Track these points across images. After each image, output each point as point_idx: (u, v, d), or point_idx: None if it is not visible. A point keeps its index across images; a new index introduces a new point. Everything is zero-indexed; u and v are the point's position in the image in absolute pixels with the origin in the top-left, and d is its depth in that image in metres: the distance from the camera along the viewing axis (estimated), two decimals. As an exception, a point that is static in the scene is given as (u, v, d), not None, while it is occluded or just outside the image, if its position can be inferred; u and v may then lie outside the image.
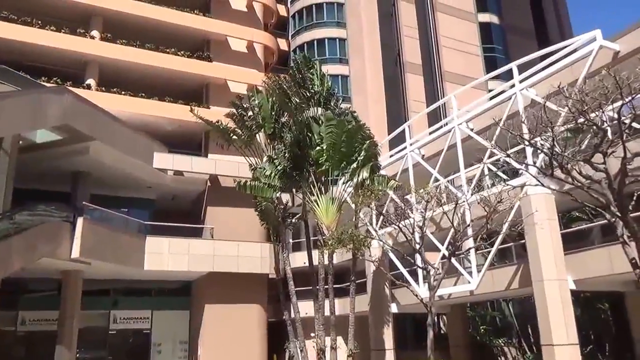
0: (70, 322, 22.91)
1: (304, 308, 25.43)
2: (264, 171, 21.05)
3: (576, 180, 11.52)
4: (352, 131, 20.08)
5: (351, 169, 20.11)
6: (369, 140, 20.34)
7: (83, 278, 23.97)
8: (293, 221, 24.69)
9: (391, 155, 29.41)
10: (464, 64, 44.05)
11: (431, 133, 27.73)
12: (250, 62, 35.61)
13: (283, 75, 23.87)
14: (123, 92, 30.59)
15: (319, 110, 21.66)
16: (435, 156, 25.50)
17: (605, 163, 10.71)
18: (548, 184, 13.03)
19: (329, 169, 20.43)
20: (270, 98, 23.01)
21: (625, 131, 9.96)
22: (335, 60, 41.03)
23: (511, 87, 21.67)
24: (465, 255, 21.56)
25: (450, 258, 16.93)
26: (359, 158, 19.99)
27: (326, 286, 21.22)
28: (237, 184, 20.82)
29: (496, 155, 21.34)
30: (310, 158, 21.04)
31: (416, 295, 18.13)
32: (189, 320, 29.69)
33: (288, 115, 22.62)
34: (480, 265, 21.88)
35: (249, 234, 29.26)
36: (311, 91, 22.03)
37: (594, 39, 18.39)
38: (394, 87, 42.25)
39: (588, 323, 26.91)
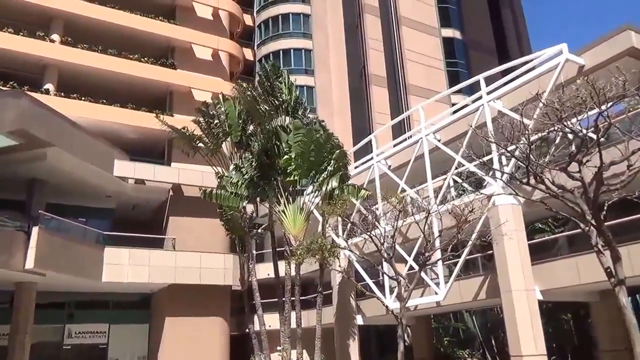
0: (22, 337, 21.77)
1: (269, 320, 24.89)
2: (230, 179, 20.54)
3: (550, 190, 11.46)
4: (322, 140, 19.81)
5: (320, 179, 19.79)
6: (338, 150, 20.09)
7: (37, 290, 22.86)
8: (259, 231, 24.18)
9: (357, 167, 29.29)
10: (427, 78, 44.48)
11: (396, 145, 27.74)
12: (215, 71, 35.11)
13: (250, 84, 23.45)
14: (83, 98, 29.65)
15: (287, 119, 21.32)
16: (401, 167, 25.48)
17: (581, 172, 10.69)
18: (516, 194, 12.94)
19: (297, 178, 20.08)
20: (238, 106, 22.56)
21: (601, 139, 9.95)
22: (300, 71, 40.83)
23: (479, 99, 21.76)
24: (431, 267, 21.45)
25: (421, 269, 16.73)
26: (328, 167, 19.72)
27: (293, 298, 20.77)
28: (203, 192, 20.25)
29: (464, 166, 21.48)
30: (278, 167, 20.67)
31: (386, 306, 17.85)
32: (148, 334, 28.78)
33: (255, 123, 22.21)
34: (446, 276, 21.84)
35: (212, 245, 28.61)
36: (280, 99, 21.73)
37: (561, 53, 18.66)
38: (359, 99, 42.32)
39: (551, 333, 27.14)
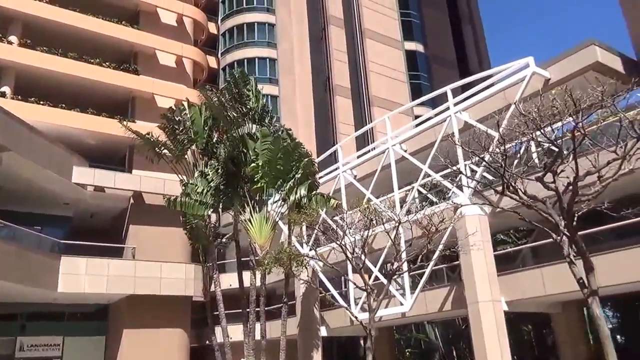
0: (-30, 350, 20.83)
1: (231, 332, 24.37)
2: (195, 187, 20.10)
3: (523, 199, 11.48)
4: (289, 149, 19.60)
5: (288, 187, 19.54)
6: (306, 158, 19.90)
7: (-13, 301, 21.94)
8: (223, 241, 23.74)
9: (321, 177, 29.12)
10: (390, 90, 44.81)
11: (359, 157, 27.79)
12: (179, 78, 34.63)
13: (217, 91, 23.09)
14: (42, 102, 28.81)
15: (254, 127, 21.04)
16: (367, 177, 25.47)
17: (555, 182, 10.74)
18: (490, 204, 12.98)
19: (264, 186, 19.77)
20: (204, 112, 22.16)
21: (576, 148, 10.01)
22: (265, 80, 40.50)
23: (446, 110, 21.93)
24: (396, 277, 21.41)
25: (391, 279, 16.63)
26: (296, 176, 19.49)
27: (257, 308, 20.38)
28: (167, 199, 19.75)
29: (430, 176, 21.57)
30: (245, 175, 20.35)
31: (355, 317, 17.65)
32: (105, 346, 27.96)
33: (222, 130, 21.84)
34: (410, 287, 21.79)
35: (173, 255, 28.02)
36: (247, 107, 21.46)
37: (527, 65, 18.97)
38: (324, 109, 42.30)
39: (512, 345, 27.40)
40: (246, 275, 22.00)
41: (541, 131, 10.03)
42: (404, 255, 18.62)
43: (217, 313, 22.26)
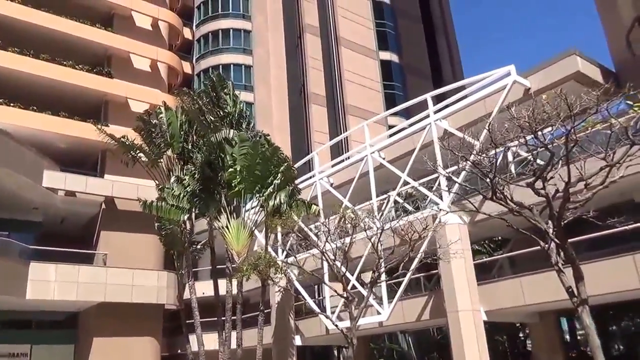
0: None
1: (205, 341, 23.93)
2: (171, 192, 19.71)
3: (510, 206, 11.43)
4: (268, 154, 19.37)
5: (267, 193, 19.29)
6: (286, 164, 19.69)
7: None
8: (198, 247, 23.35)
9: (297, 184, 28.91)
10: (365, 99, 44.91)
11: (334, 165, 27.72)
12: (154, 82, 34.11)
13: (194, 94, 22.70)
14: (12, 104, 28.01)
15: (231, 132, 20.76)
16: (343, 185, 25.37)
17: (545, 188, 10.70)
18: (476, 210, 12.93)
19: (242, 191, 19.49)
20: (180, 116, 21.81)
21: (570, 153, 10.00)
22: (240, 86, 40.18)
23: (425, 118, 21.95)
24: (374, 286, 21.28)
25: (372, 287, 16.49)
26: (275, 182, 19.25)
27: (234, 317, 20.03)
28: (143, 203, 19.30)
29: (409, 184, 21.57)
30: (222, 180, 20.04)
31: (336, 325, 17.43)
32: (74, 355, 27.19)
33: (199, 135, 21.50)
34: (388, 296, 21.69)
35: (145, 262, 27.53)
36: (225, 111, 21.19)
37: (509, 74, 19.05)
38: (299, 117, 42.22)
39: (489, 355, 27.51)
40: (221, 283, 21.63)
41: (536, 135, 9.99)
42: (382, 263, 18.54)
43: (191, 321, 21.84)
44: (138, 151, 21.43)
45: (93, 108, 31.50)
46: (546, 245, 10.91)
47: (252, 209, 21.28)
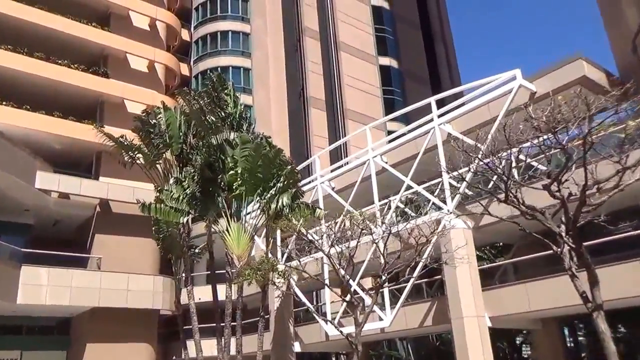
0: None
1: (203, 347, 23.28)
2: (170, 194, 19.06)
3: (522, 209, 11.01)
4: (270, 156, 18.75)
5: (269, 195, 18.68)
6: (289, 166, 19.10)
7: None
8: (197, 251, 22.70)
9: (298, 188, 28.43)
10: (364, 103, 44.50)
11: (334, 170, 27.28)
12: (151, 83, 33.55)
13: (195, 94, 22.09)
14: (4, 103, 27.35)
15: (232, 133, 20.18)
16: (345, 189, 24.91)
17: (560, 191, 10.29)
18: (489, 214, 12.44)
19: (243, 194, 18.87)
20: (179, 116, 21.19)
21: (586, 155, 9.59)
22: (239, 89, 39.51)
23: (430, 122, 21.51)
24: (375, 292, 20.74)
25: (378, 291, 15.94)
26: (278, 184, 18.66)
27: (233, 323, 19.36)
28: (142, 205, 18.62)
29: (412, 188, 21.10)
30: (222, 182, 19.43)
31: (341, 331, 16.83)
32: (66, 362, 26.37)
33: (198, 136, 20.87)
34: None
35: (141, 266, 26.91)
36: (226, 112, 20.62)
37: (514, 78, 18.68)
38: (298, 121, 41.77)
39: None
40: (219, 288, 20.99)
41: (555, 135, 9.55)
42: (387, 268, 18.00)
43: (187, 327, 21.18)
44: (137, 152, 20.78)
45: (88, 108, 30.91)
46: (558, 250, 10.47)
47: (253, 212, 20.71)
